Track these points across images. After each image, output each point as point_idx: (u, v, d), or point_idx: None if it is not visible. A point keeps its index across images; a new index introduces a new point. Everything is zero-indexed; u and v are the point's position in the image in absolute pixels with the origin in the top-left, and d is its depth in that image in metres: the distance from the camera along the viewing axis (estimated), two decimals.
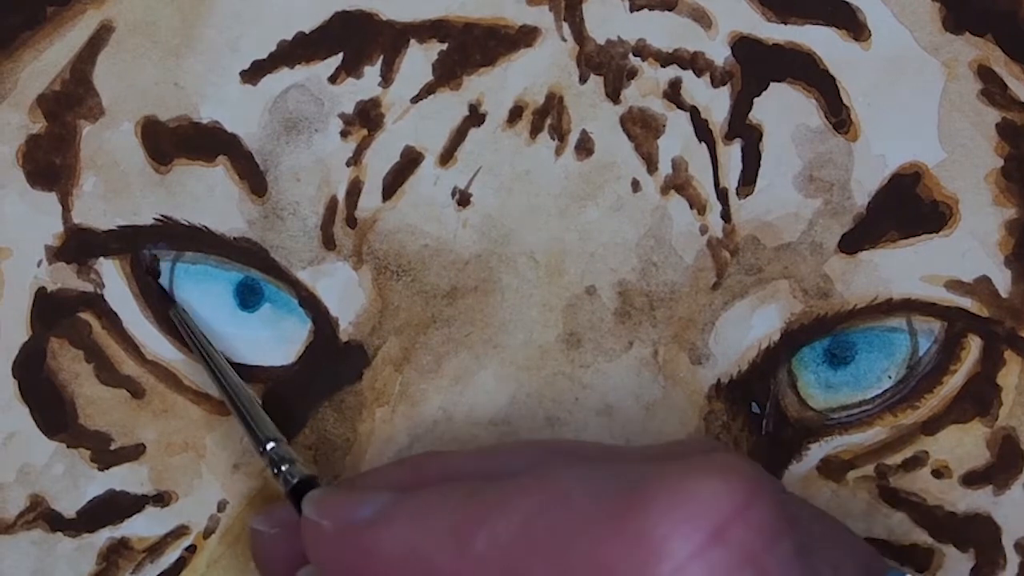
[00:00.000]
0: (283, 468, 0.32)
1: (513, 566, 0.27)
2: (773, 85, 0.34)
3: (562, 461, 0.30)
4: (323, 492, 0.31)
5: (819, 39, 0.34)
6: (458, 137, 0.34)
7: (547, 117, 0.34)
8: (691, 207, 0.34)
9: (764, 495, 0.26)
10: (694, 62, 0.34)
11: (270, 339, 0.35)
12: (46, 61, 0.34)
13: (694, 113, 0.34)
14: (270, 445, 0.32)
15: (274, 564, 0.33)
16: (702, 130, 0.34)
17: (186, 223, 0.34)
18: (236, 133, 0.34)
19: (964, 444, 0.36)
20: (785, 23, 0.34)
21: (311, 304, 0.34)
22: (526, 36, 0.34)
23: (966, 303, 0.35)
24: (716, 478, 0.26)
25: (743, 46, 0.34)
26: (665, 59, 0.34)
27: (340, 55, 0.34)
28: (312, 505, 0.31)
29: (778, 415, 0.35)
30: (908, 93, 0.35)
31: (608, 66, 0.34)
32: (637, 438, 0.34)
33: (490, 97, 0.34)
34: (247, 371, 0.35)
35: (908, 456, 0.36)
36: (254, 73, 0.34)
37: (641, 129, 0.34)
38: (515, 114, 0.34)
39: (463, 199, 0.34)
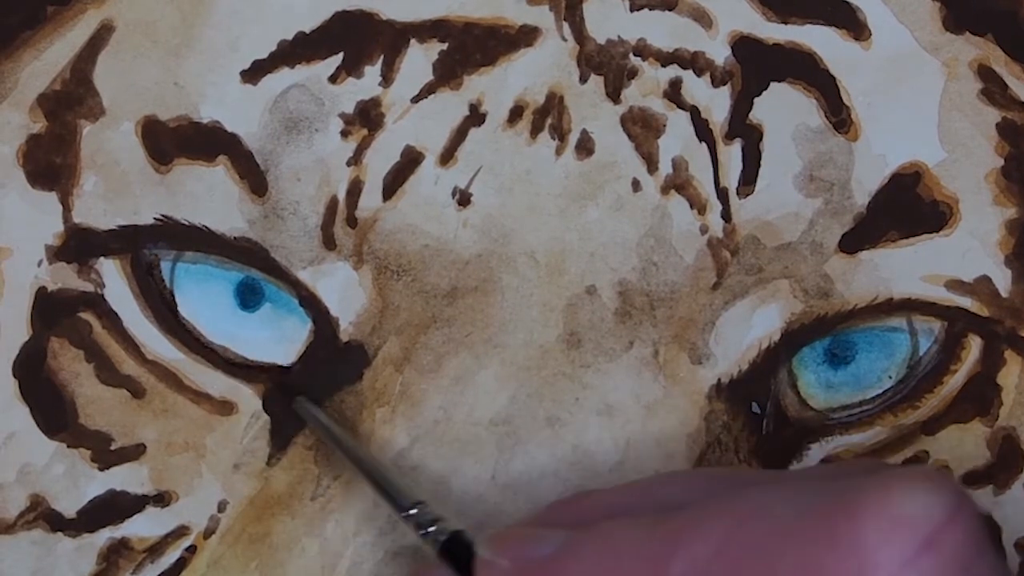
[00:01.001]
0: (430, 529, 0.31)
1: None
2: (773, 85, 0.34)
3: (729, 486, 0.30)
4: (498, 532, 0.31)
5: (819, 39, 0.34)
6: (458, 137, 0.34)
7: (547, 117, 0.34)
8: (691, 207, 0.34)
9: (970, 505, 0.26)
10: (694, 62, 0.34)
11: (270, 339, 0.35)
12: (46, 61, 0.34)
13: (694, 113, 0.34)
14: (413, 510, 0.32)
15: None
16: (702, 130, 0.34)
17: (186, 223, 0.34)
18: (236, 133, 0.34)
19: (964, 444, 0.36)
20: (785, 23, 0.34)
21: (311, 304, 0.34)
22: (526, 36, 0.34)
23: (966, 303, 0.35)
24: (926, 487, 0.26)
25: (743, 46, 0.34)
26: (665, 59, 0.34)
27: (340, 55, 0.34)
28: (488, 545, 0.30)
29: (778, 415, 0.35)
30: (908, 93, 0.35)
31: (608, 66, 0.34)
32: (637, 438, 0.34)
33: (490, 97, 0.34)
34: (247, 371, 0.35)
35: (908, 456, 0.36)
36: (254, 73, 0.34)
37: (641, 129, 0.34)
38: (515, 114, 0.34)
39: (463, 199, 0.34)
